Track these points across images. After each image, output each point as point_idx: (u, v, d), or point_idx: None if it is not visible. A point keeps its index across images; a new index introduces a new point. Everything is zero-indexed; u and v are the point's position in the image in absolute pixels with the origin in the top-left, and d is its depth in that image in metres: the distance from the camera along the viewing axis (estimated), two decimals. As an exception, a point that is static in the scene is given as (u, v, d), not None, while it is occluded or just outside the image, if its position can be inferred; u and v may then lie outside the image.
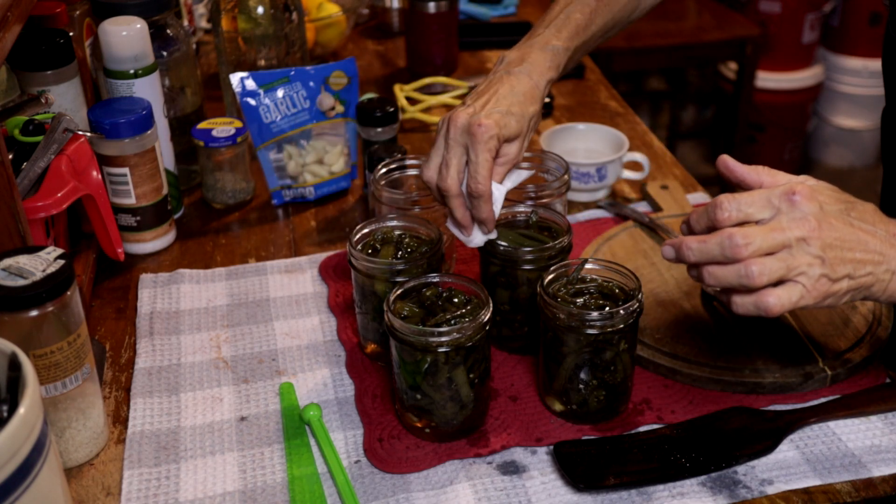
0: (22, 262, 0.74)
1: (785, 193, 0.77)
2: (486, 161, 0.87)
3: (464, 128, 0.87)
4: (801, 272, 0.75)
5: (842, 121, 3.23)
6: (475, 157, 0.87)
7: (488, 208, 0.88)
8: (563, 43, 0.96)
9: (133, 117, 1.05)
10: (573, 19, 0.98)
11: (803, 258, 0.75)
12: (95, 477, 0.82)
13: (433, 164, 0.90)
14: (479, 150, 0.86)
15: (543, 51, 0.95)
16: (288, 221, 1.22)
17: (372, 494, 0.79)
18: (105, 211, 1.01)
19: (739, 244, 0.75)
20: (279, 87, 1.20)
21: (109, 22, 1.10)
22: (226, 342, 0.99)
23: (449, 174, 0.88)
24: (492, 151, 0.87)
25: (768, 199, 0.77)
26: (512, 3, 1.94)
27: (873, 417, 0.86)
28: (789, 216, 0.76)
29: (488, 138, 0.86)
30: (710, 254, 0.76)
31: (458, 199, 0.89)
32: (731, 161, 0.83)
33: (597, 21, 1.00)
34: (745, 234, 0.75)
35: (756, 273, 0.74)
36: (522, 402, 0.89)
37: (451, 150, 0.88)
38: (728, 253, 0.75)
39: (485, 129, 0.86)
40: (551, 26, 0.98)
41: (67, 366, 0.77)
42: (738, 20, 2.71)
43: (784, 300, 0.75)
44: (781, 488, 0.79)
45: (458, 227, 0.91)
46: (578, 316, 0.81)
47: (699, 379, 0.90)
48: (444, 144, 0.89)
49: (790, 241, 0.75)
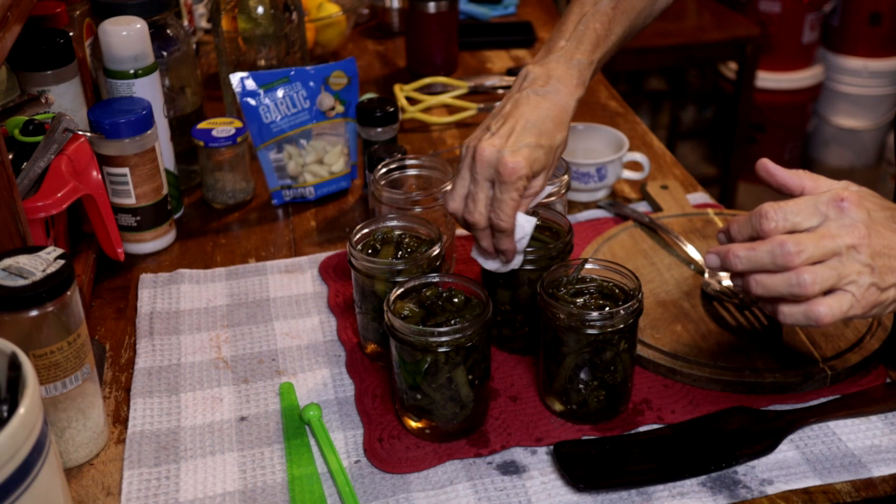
0: (22, 262, 0.74)
1: (833, 200, 0.75)
2: (512, 200, 0.84)
3: (490, 163, 0.83)
4: (851, 280, 0.73)
5: (842, 121, 3.23)
6: (501, 195, 0.84)
7: (511, 241, 0.86)
8: (586, 56, 0.91)
9: (133, 117, 1.05)
10: (592, 30, 0.93)
11: (853, 266, 0.73)
12: (95, 477, 0.82)
13: (458, 196, 0.87)
14: (505, 189, 0.83)
15: (569, 66, 0.90)
16: (288, 221, 1.22)
17: (372, 494, 0.79)
18: (105, 211, 1.01)
19: (791, 251, 0.72)
20: (279, 87, 1.20)
21: (109, 22, 1.10)
22: (226, 342, 0.99)
23: (476, 209, 0.85)
24: (519, 191, 0.84)
25: (815, 205, 0.75)
26: (512, 3, 1.94)
27: (873, 417, 0.86)
28: (838, 223, 0.74)
29: (516, 179, 0.83)
30: (760, 262, 0.74)
31: (485, 232, 0.86)
32: (771, 165, 0.81)
33: (615, 30, 0.95)
34: (798, 242, 0.73)
35: (809, 281, 0.72)
36: (522, 402, 0.89)
37: (477, 184, 0.84)
38: (779, 261, 0.73)
39: (514, 170, 0.82)
40: (571, 39, 0.92)
41: (67, 366, 0.77)
42: (738, 20, 2.70)
43: (835, 309, 0.73)
44: (781, 488, 0.79)
45: (483, 255, 0.90)
46: (578, 316, 0.81)
47: (699, 379, 0.90)
48: (469, 177, 0.86)
49: (840, 249, 0.73)
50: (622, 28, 0.95)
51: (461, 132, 1.45)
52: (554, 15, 1.96)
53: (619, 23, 0.95)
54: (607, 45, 0.94)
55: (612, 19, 0.94)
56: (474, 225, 0.86)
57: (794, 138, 3.25)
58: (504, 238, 0.86)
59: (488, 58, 1.73)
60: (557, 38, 0.93)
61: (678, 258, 1.07)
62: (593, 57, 0.92)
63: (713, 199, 1.24)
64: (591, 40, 0.92)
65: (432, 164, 1.05)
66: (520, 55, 1.74)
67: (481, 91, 1.56)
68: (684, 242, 1.08)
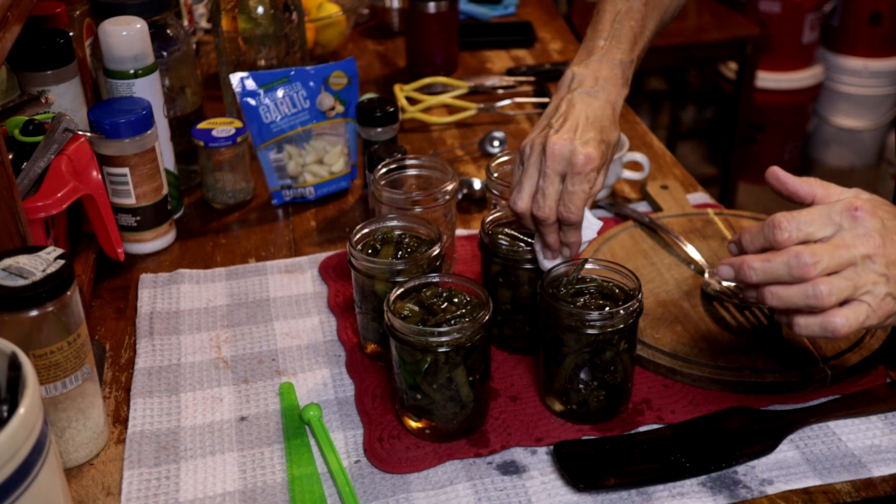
0: (22, 262, 0.74)
1: (846, 209, 0.74)
2: (584, 192, 0.84)
3: (563, 157, 0.84)
4: (866, 291, 0.73)
5: (842, 121, 3.23)
6: (572, 188, 0.84)
7: (578, 234, 0.87)
8: (626, 56, 0.92)
9: (133, 117, 1.05)
10: (628, 27, 0.93)
11: (869, 276, 0.73)
12: (95, 477, 0.82)
13: (526, 195, 0.86)
14: (579, 180, 0.84)
15: (613, 66, 0.91)
16: (288, 221, 1.22)
17: (372, 494, 0.79)
18: (105, 211, 1.01)
19: (808, 263, 0.72)
20: (279, 87, 1.20)
21: (109, 22, 1.10)
22: (226, 342, 0.99)
23: (546, 204, 0.85)
24: (591, 182, 0.84)
25: (828, 215, 0.74)
26: (512, 3, 1.94)
27: (873, 417, 0.86)
28: (852, 233, 0.73)
29: (591, 170, 0.84)
30: (775, 273, 0.74)
31: (553, 227, 0.87)
32: (781, 173, 0.80)
33: (648, 26, 0.95)
34: (814, 253, 0.72)
35: (825, 293, 0.72)
36: (522, 402, 0.89)
37: (547, 178, 0.85)
38: (795, 272, 0.72)
39: (588, 160, 0.83)
40: (609, 38, 0.92)
41: (67, 366, 0.77)
42: (738, 20, 2.70)
43: (851, 320, 0.73)
44: (781, 488, 0.79)
45: (547, 250, 0.89)
46: (578, 316, 0.81)
47: (699, 379, 0.90)
48: (537, 173, 0.86)
49: (856, 259, 0.73)
50: (654, 23, 0.96)
51: (461, 132, 1.45)
52: (554, 15, 1.96)
53: (651, 18, 0.95)
54: (643, 41, 0.95)
55: (644, 16, 0.94)
56: (544, 220, 0.86)
57: (794, 138, 3.25)
58: (572, 231, 0.87)
59: (488, 58, 1.73)
60: (596, 38, 0.93)
61: (678, 258, 1.08)
62: (632, 55, 0.93)
63: (713, 199, 1.24)
64: (628, 38, 0.92)
65: (432, 164, 1.05)
66: (520, 55, 1.74)
67: (481, 91, 1.56)
68: (684, 242, 1.08)
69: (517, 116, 1.48)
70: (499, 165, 1.05)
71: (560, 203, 0.85)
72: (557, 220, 0.86)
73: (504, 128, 1.44)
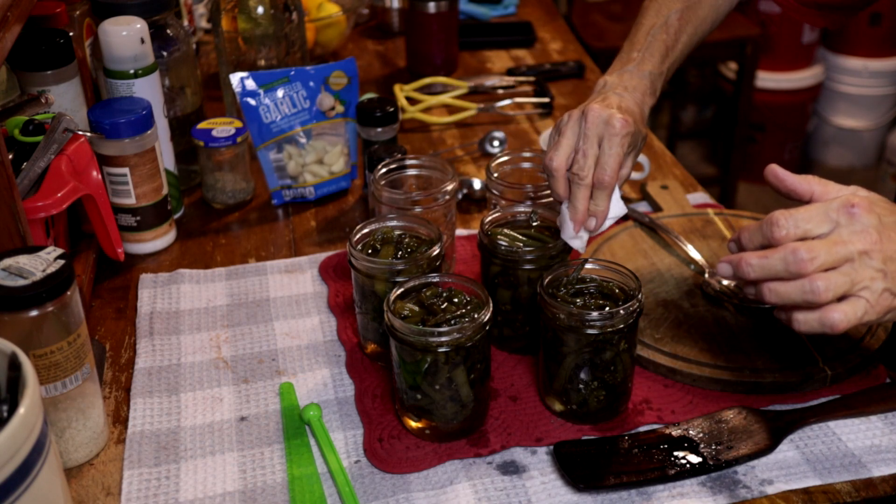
0: (22, 262, 0.74)
1: (843, 206, 0.75)
2: (618, 154, 0.88)
3: (603, 119, 0.88)
4: (864, 286, 0.73)
5: (842, 121, 3.23)
6: (609, 149, 0.88)
7: (607, 201, 0.90)
8: (656, 68, 0.98)
9: (133, 117, 1.05)
10: (660, 41, 0.99)
11: (866, 272, 0.73)
12: (95, 477, 0.82)
13: (563, 153, 0.90)
14: (615, 142, 0.88)
15: (642, 77, 0.97)
16: (288, 221, 1.22)
17: (372, 494, 0.79)
18: (105, 211, 1.01)
19: (805, 258, 0.73)
20: (279, 87, 1.20)
21: (109, 22, 1.10)
22: (226, 342, 0.99)
23: (587, 163, 0.88)
24: (625, 147, 0.89)
25: (825, 212, 0.75)
26: (512, 3, 1.94)
27: (873, 417, 0.86)
28: (849, 229, 0.74)
29: (626, 133, 0.88)
30: (773, 269, 0.75)
31: (587, 190, 0.90)
32: (780, 171, 0.81)
33: (682, 39, 1.01)
34: (810, 248, 0.73)
35: (822, 288, 0.72)
36: (522, 402, 0.89)
37: (588, 140, 0.89)
38: (792, 268, 0.73)
39: (624, 123, 0.88)
40: (643, 51, 0.99)
41: (67, 366, 0.77)
42: (738, 20, 2.70)
43: (850, 315, 0.73)
44: (781, 488, 0.79)
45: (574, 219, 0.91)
46: (578, 316, 0.81)
47: (699, 379, 0.90)
48: (575, 134, 0.90)
49: (853, 255, 0.73)
50: (688, 37, 1.02)
51: (461, 132, 1.45)
52: (554, 15, 1.96)
53: (685, 32, 1.02)
54: (675, 54, 1.01)
55: (678, 30, 1.01)
56: (581, 179, 0.89)
57: (794, 138, 3.25)
58: (603, 197, 0.89)
59: (488, 58, 1.73)
60: (630, 50, 1.00)
61: (678, 258, 1.08)
62: (662, 68, 0.99)
63: (713, 199, 1.24)
64: (660, 52, 0.99)
65: (432, 164, 1.05)
66: (520, 55, 1.74)
67: (481, 91, 1.56)
68: (684, 242, 1.08)
69: (517, 116, 1.48)
70: (499, 165, 1.05)
71: (597, 165, 0.89)
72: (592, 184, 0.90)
73: (504, 128, 1.44)
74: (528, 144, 1.39)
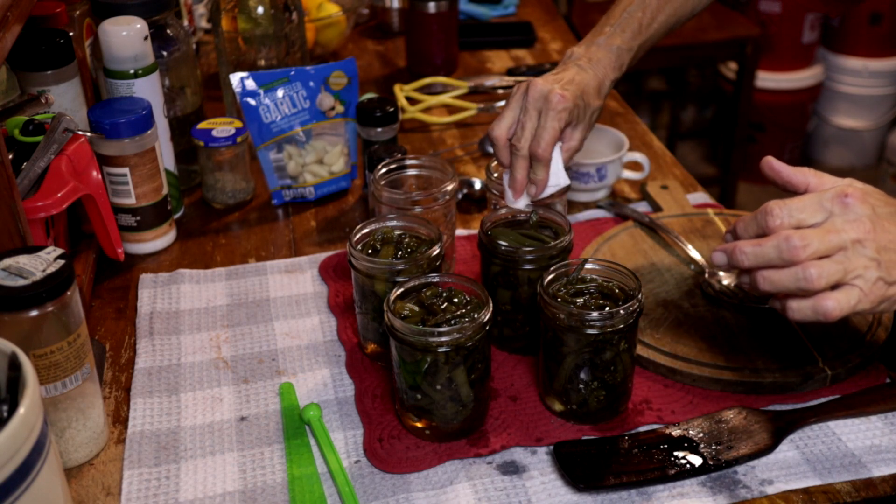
0: (22, 262, 0.74)
1: (837, 196, 0.76)
2: (553, 129, 0.93)
3: (542, 94, 0.94)
4: (857, 275, 0.74)
5: (842, 121, 3.23)
6: (545, 123, 0.93)
7: (545, 172, 0.96)
8: (625, 43, 1.01)
9: (133, 117, 1.05)
10: (635, 18, 1.02)
11: (859, 261, 0.74)
12: (95, 477, 0.82)
13: (505, 124, 0.96)
14: (550, 116, 0.93)
15: (608, 51, 1.01)
16: (288, 221, 1.22)
17: (372, 494, 0.79)
18: (105, 211, 1.01)
19: (797, 246, 0.73)
20: (279, 87, 1.20)
21: (109, 22, 1.10)
22: (226, 342, 0.99)
23: (524, 135, 0.95)
24: (561, 122, 0.94)
25: (819, 202, 0.76)
26: (512, 3, 1.94)
27: (873, 417, 0.86)
28: (843, 218, 0.75)
29: (562, 109, 0.93)
30: (766, 257, 0.75)
31: (525, 161, 0.95)
32: (776, 162, 0.82)
33: (658, 19, 1.04)
34: (803, 236, 0.74)
35: (815, 275, 0.73)
36: (522, 402, 0.89)
37: (527, 113, 0.95)
38: (785, 255, 0.74)
39: (561, 99, 0.93)
40: (615, 26, 1.02)
41: (67, 366, 0.77)
42: (738, 20, 2.70)
43: (843, 303, 0.74)
44: (781, 488, 0.79)
45: (513, 187, 0.97)
46: (578, 316, 0.81)
47: (699, 379, 0.90)
48: (519, 107, 0.96)
49: (846, 244, 0.74)
50: (666, 17, 1.05)
51: (461, 132, 1.45)
52: (554, 15, 1.96)
53: (663, 12, 1.04)
54: (649, 32, 1.04)
55: (656, 10, 1.04)
56: (518, 150, 0.95)
57: (794, 138, 3.25)
58: (540, 167, 0.95)
59: (488, 58, 1.73)
60: (604, 24, 1.04)
61: (678, 258, 1.08)
62: (633, 44, 1.02)
63: (713, 199, 1.24)
64: (633, 28, 1.02)
65: (432, 164, 1.05)
66: (520, 55, 1.74)
67: (481, 91, 1.56)
68: (684, 242, 1.08)
69: (517, 116, 1.48)
70: (499, 165, 1.05)
71: (534, 138, 0.94)
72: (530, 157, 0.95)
73: (504, 128, 1.44)
74: (528, 144, 1.38)
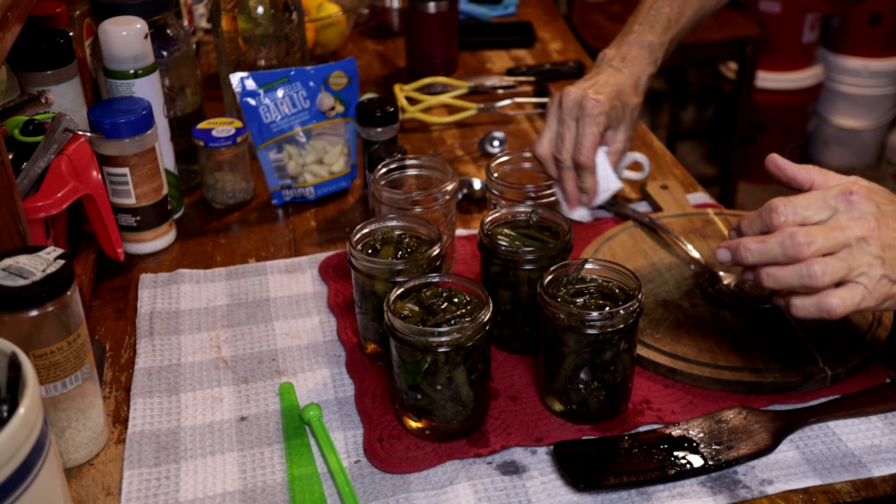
0: (22, 262, 0.74)
1: (842, 193, 0.75)
2: (592, 135, 0.94)
3: (576, 102, 0.95)
4: (861, 272, 0.74)
5: (842, 121, 3.23)
6: (583, 130, 0.94)
7: (593, 179, 0.98)
8: (657, 38, 1.03)
9: (133, 117, 1.05)
10: (663, 14, 1.04)
11: (864, 258, 0.74)
12: (95, 477, 0.82)
13: (546, 140, 0.98)
14: (587, 122, 0.94)
15: (641, 48, 1.02)
16: (288, 221, 1.22)
17: (372, 494, 0.79)
18: (105, 211, 1.01)
19: (801, 243, 0.73)
20: (279, 87, 1.20)
21: (109, 22, 1.10)
22: (226, 342, 0.99)
23: (564, 147, 0.96)
24: (599, 126, 0.95)
25: (824, 199, 0.76)
26: (512, 3, 1.94)
27: (873, 417, 0.86)
28: (848, 215, 0.75)
29: (598, 113, 0.95)
30: (771, 254, 0.75)
31: (571, 172, 0.96)
32: (780, 160, 0.82)
33: (686, 13, 1.05)
34: (808, 233, 0.74)
35: (819, 273, 0.73)
36: (522, 402, 0.89)
37: (564, 124, 0.97)
38: (790, 252, 0.74)
39: (595, 103, 0.95)
40: (644, 23, 1.03)
41: (67, 366, 0.77)
42: (738, 20, 2.70)
43: (847, 301, 0.74)
44: (781, 488, 0.79)
45: (566, 199, 0.99)
46: (578, 316, 0.81)
47: (699, 379, 0.90)
48: (556, 120, 0.97)
49: (850, 241, 0.74)
50: (693, 11, 1.06)
51: (461, 132, 1.45)
52: (554, 15, 1.96)
53: (690, 6, 1.06)
54: (678, 27, 1.05)
55: (683, 3, 1.05)
56: (562, 163, 0.96)
57: (794, 138, 3.25)
58: (587, 175, 0.96)
59: (488, 58, 1.73)
60: (632, 23, 1.05)
61: (678, 258, 1.08)
62: (664, 38, 1.04)
63: (713, 199, 1.24)
64: (662, 24, 1.03)
65: (432, 164, 1.05)
66: (520, 55, 1.74)
67: (481, 91, 1.56)
68: (684, 242, 1.08)
69: (517, 116, 1.48)
70: (499, 165, 1.05)
71: (574, 146, 0.95)
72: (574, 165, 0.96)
73: (504, 128, 1.44)
74: (528, 144, 1.38)
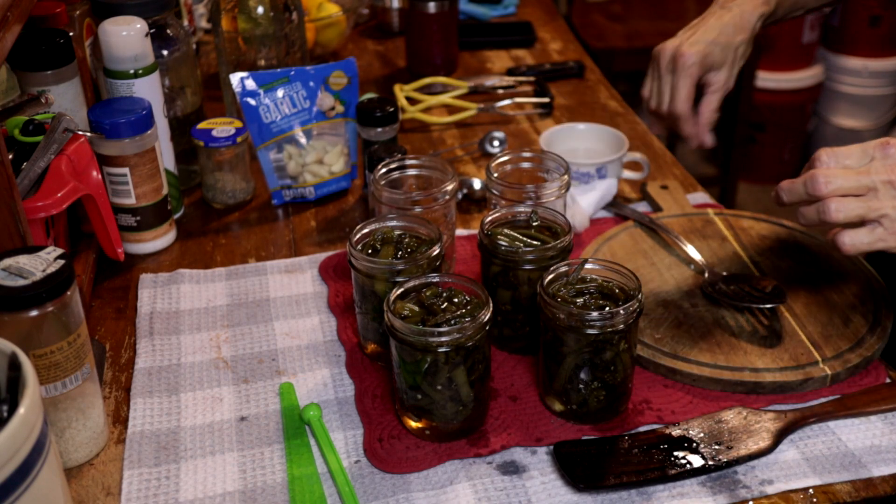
0: (22, 262, 0.74)
1: (880, 144, 0.81)
2: (684, 87, 1.01)
3: (670, 55, 1.02)
4: (883, 214, 0.79)
5: (842, 121, 3.23)
6: (675, 82, 1.00)
7: (689, 127, 1.05)
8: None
9: (133, 117, 1.05)
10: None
11: (888, 201, 0.79)
12: (95, 477, 0.82)
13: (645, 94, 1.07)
14: (679, 76, 1.01)
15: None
16: (288, 221, 1.22)
17: (372, 494, 0.79)
18: (105, 211, 1.01)
19: (820, 182, 0.80)
20: (279, 87, 1.20)
21: (109, 22, 1.10)
22: (226, 342, 0.99)
23: (662, 100, 1.04)
24: (692, 77, 1.01)
25: (864, 150, 0.82)
26: (512, 3, 1.94)
27: (873, 417, 0.86)
28: (881, 162, 0.80)
29: (689, 65, 1.01)
30: (798, 193, 0.83)
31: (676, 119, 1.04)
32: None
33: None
34: (826, 174, 0.80)
35: (833, 209, 0.79)
36: (522, 402, 0.89)
37: (661, 78, 1.03)
38: (810, 191, 0.81)
39: (686, 57, 1.00)
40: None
41: (67, 366, 0.77)
42: (738, 20, 2.70)
43: (856, 240, 0.80)
44: (781, 488, 0.79)
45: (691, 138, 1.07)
46: (578, 316, 0.81)
47: (699, 379, 0.90)
48: (654, 75, 1.04)
49: (876, 184, 0.79)
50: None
51: (461, 132, 1.45)
52: (554, 15, 1.96)
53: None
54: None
55: None
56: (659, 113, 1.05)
57: (794, 138, 3.25)
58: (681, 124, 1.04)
59: (488, 58, 1.73)
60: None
61: (678, 258, 1.08)
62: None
63: (713, 199, 1.24)
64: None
65: (432, 164, 1.05)
66: (520, 55, 1.74)
67: (481, 91, 1.56)
68: (684, 242, 1.08)
69: (517, 116, 1.48)
70: (499, 165, 1.05)
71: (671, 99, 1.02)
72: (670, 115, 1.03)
73: (504, 128, 1.44)
74: (528, 144, 1.39)
